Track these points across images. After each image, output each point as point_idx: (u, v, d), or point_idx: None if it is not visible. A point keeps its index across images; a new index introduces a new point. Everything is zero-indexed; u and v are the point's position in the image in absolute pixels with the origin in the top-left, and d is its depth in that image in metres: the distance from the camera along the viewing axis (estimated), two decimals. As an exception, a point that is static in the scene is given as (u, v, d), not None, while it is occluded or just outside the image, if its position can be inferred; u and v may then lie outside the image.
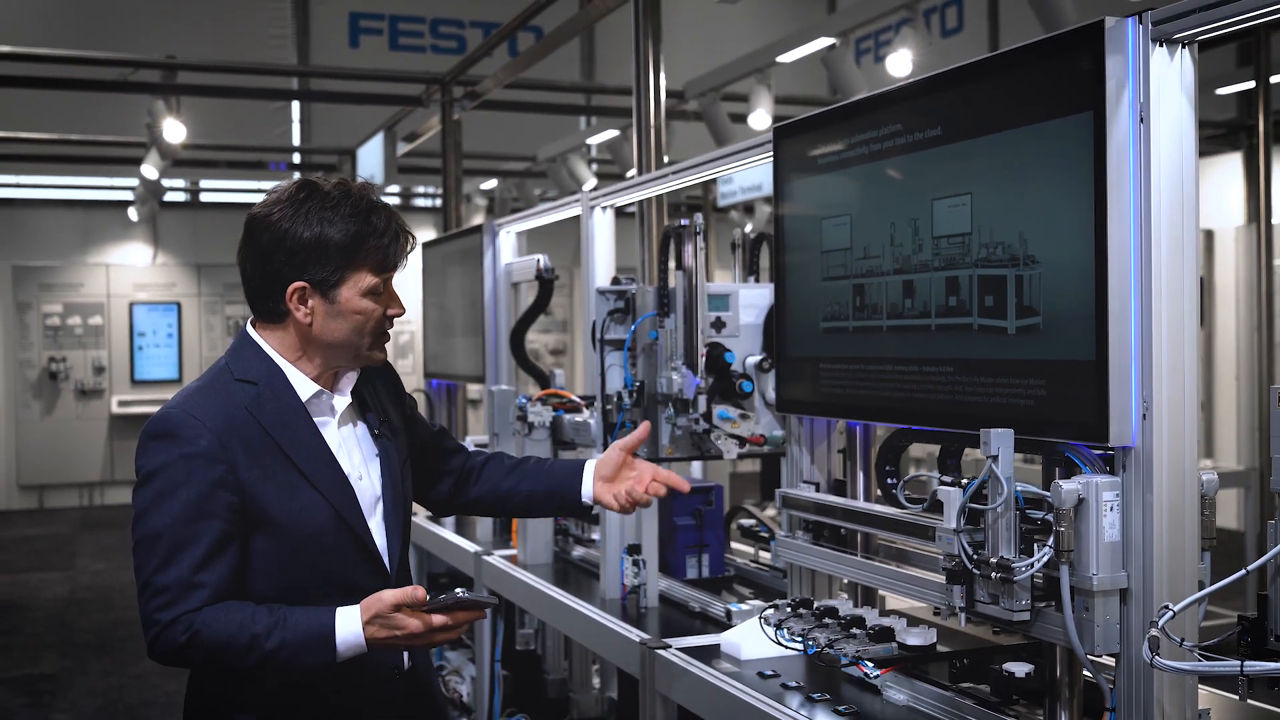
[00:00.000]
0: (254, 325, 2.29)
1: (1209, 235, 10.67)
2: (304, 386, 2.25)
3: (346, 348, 2.26)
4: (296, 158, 13.57)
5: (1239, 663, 1.74)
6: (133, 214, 13.38)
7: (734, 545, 4.13)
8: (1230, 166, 11.01)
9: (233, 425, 2.16)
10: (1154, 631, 1.84)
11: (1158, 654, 1.83)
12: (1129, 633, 2.06)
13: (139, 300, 13.90)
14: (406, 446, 2.45)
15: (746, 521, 3.95)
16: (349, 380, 2.32)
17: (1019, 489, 2.19)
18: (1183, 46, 2.05)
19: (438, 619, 2.08)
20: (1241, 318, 10.27)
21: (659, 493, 2.47)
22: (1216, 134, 10.77)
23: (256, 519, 2.16)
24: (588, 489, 2.50)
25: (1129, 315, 2.05)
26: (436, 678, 2.54)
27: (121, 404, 13.68)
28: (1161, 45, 2.04)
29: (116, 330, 13.82)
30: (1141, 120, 2.04)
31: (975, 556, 2.20)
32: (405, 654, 2.34)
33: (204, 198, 14.72)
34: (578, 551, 4.17)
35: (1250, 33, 7.38)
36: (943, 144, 2.46)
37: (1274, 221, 10.18)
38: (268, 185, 14.67)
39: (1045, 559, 2.11)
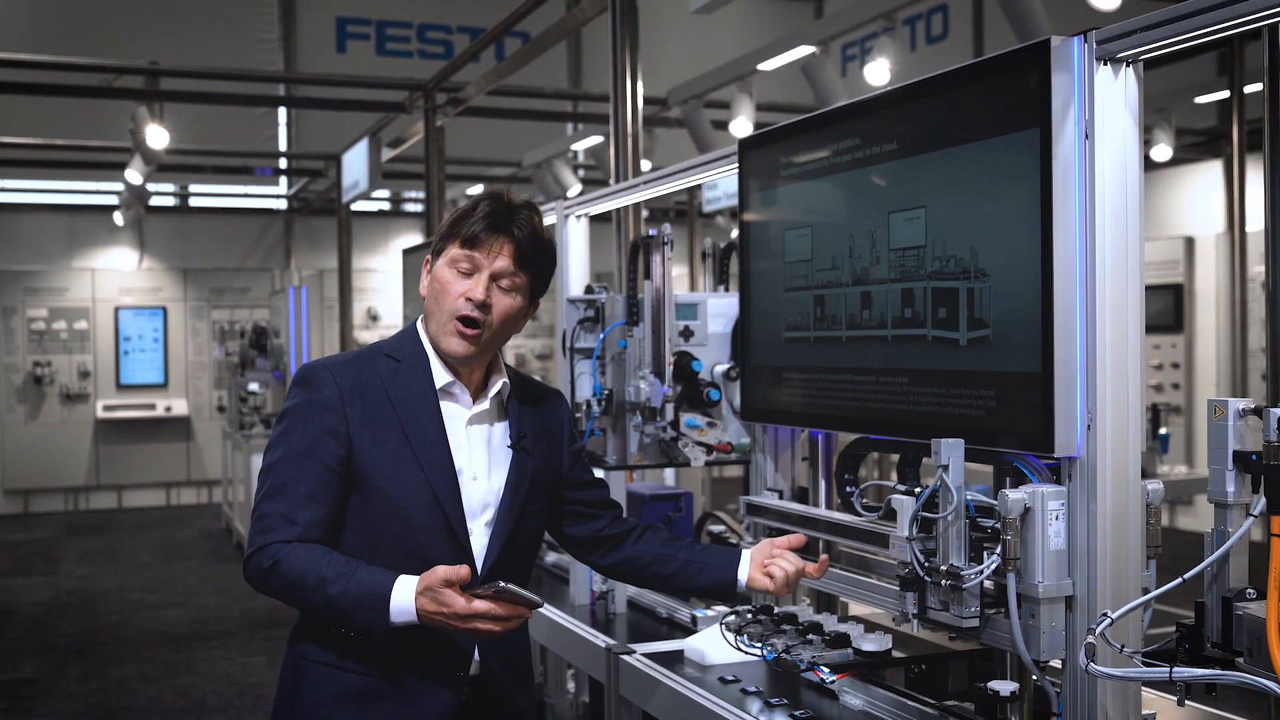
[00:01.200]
0: (421, 321, 2.43)
1: (1190, 242, 10.73)
2: (440, 374, 2.37)
3: (432, 321, 2.35)
4: (283, 163, 13.59)
5: (1168, 669, 1.78)
6: (118, 218, 13.38)
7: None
8: (1212, 174, 11.09)
9: (360, 387, 2.31)
10: (1090, 639, 1.88)
11: (1094, 660, 1.87)
12: (1074, 639, 2.10)
13: (125, 305, 13.89)
14: (548, 475, 2.48)
15: (716, 528, 3.99)
16: (493, 388, 2.41)
17: (969, 498, 2.23)
18: (1127, 65, 2.10)
19: (479, 604, 2.10)
20: (1221, 324, 10.34)
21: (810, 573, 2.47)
22: (1197, 141, 10.84)
23: (358, 477, 2.28)
24: (744, 573, 2.47)
25: (1074, 328, 2.10)
26: (530, 697, 2.49)
27: (107, 409, 13.67)
28: (1106, 64, 2.09)
29: (102, 335, 13.80)
30: (1086, 137, 2.09)
31: (927, 564, 2.25)
32: (476, 658, 2.34)
33: (190, 202, 14.72)
34: (550, 558, 4.21)
35: (1226, 43, 7.45)
36: (898, 158, 2.51)
37: (1252, 229, 10.28)
38: (254, 190, 14.73)
39: (993, 567, 2.15)
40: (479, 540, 2.35)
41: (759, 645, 2.65)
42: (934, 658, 2.57)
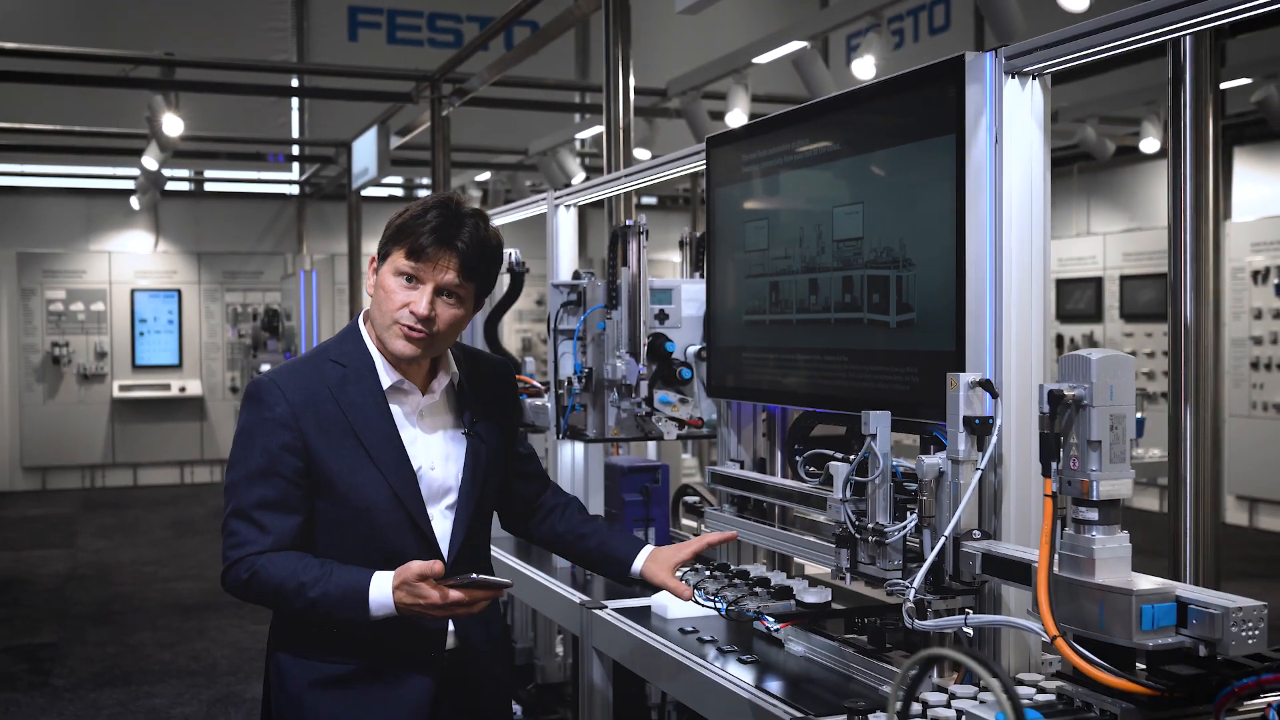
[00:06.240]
0: (363, 318, 2.51)
1: (1180, 232, 10.95)
2: (386, 375, 2.45)
3: (377, 323, 2.43)
4: (295, 149, 13.87)
5: (963, 618, 2.11)
6: (134, 203, 13.69)
7: (684, 521, 4.44)
8: (1203, 166, 11.29)
9: (310, 399, 2.40)
10: (908, 603, 2.19)
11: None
12: (980, 588, 2.36)
13: (140, 287, 14.23)
14: (500, 449, 2.61)
15: (691, 499, 4.26)
16: (441, 381, 2.51)
17: (897, 464, 2.50)
18: (1033, 78, 2.36)
19: (454, 594, 2.26)
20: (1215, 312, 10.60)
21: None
22: (1187, 134, 11.05)
23: (320, 484, 2.40)
24: (638, 564, 2.65)
25: (984, 312, 2.36)
26: (506, 666, 2.67)
27: (123, 388, 14.01)
28: (1014, 77, 2.34)
29: (118, 316, 14.14)
30: (996, 142, 2.35)
31: (858, 523, 2.51)
32: (451, 633, 2.48)
33: (205, 187, 15.02)
34: (539, 526, 4.48)
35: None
36: (840, 158, 2.77)
37: (1240, 220, 10.51)
38: (267, 176, 15.02)
39: (912, 524, 2.42)
40: (441, 525, 2.48)
41: (713, 599, 2.92)
42: (868, 609, 2.84)
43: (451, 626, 2.48)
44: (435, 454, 2.49)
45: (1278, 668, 1.67)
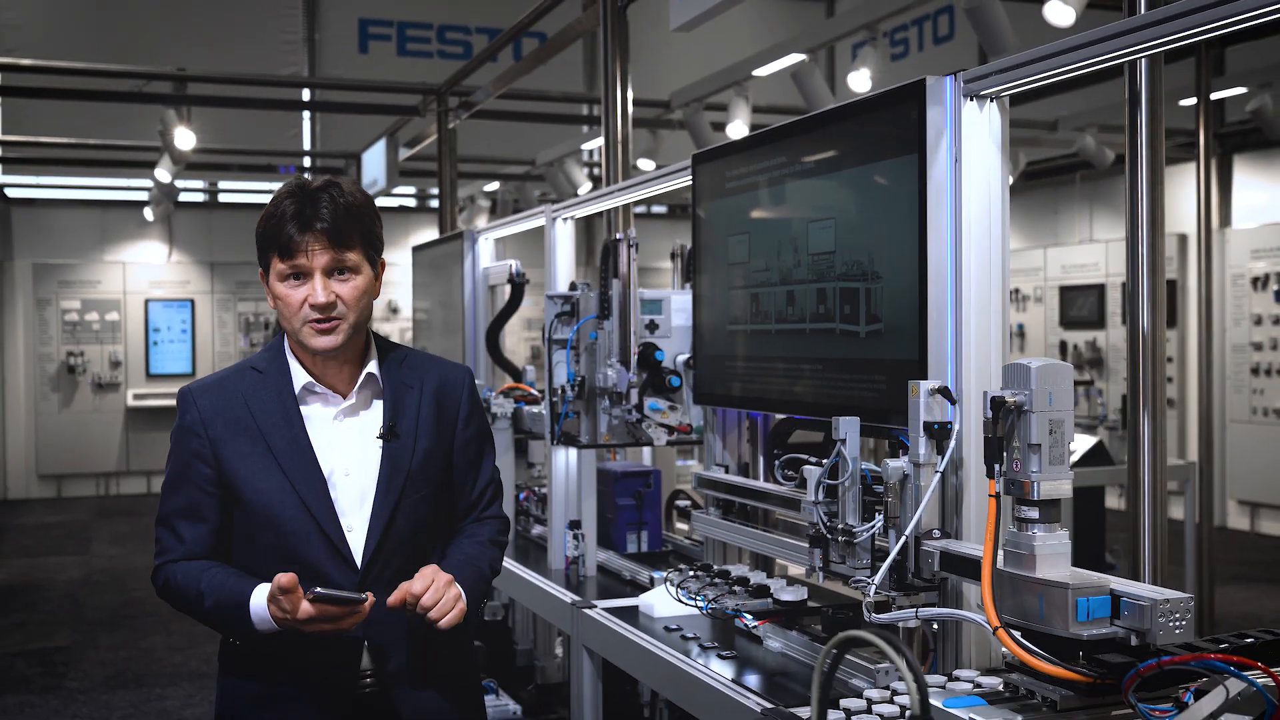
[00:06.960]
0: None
1: (1182, 239, 11.04)
2: (299, 378, 2.41)
3: (295, 337, 2.38)
4: (306, 161, 14.05)
5: (915, 610, 2.22)
6: (148, 214, 13.88)
7: (677, 525, 4.58)
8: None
9: (221, 406, 2.39)
10: (868, 599, 2.31)
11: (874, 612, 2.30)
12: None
13: (154, 297, 14.42)
14: (439, 457, 2.48)
15: (682, 503, 4.39)
16: (360, 380, 2.43)
17: (865, 467, 2.62)
18: (990, 100, 2.48)
19: (305, 607, 2.19)
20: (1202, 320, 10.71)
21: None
22: (1189, 142, 11.14)
23: (230, 491, 2.39)
24: None
25: (945, 322, 2.48)
26: (445, 686, 2.49)
27: (137, 397, 14.20)
28: (972, 100, 2.47)
29: (132, 326, 14.34)
30: (956, 161, 2.47)
31: (829, 524, 2.63)
32: (365, 653, 2.39)
33: (218, 198, 15.22)
34: (537, 530, 4.62)
35: (1193, 50, 7.78)
36: (814, 175, 2.90)
37: (1241, 226, 10.61)
38: (279, 187, 15.20)
39: (879, 525, 2.54)
40: (353, 535, 2.38)
41: (695, 598, 3.04)
42: (841, 606, 2.96)
43: (367, 654, 2.40)
44: (351, 459, 2.41)
45: (1193, 654, 1.80)
